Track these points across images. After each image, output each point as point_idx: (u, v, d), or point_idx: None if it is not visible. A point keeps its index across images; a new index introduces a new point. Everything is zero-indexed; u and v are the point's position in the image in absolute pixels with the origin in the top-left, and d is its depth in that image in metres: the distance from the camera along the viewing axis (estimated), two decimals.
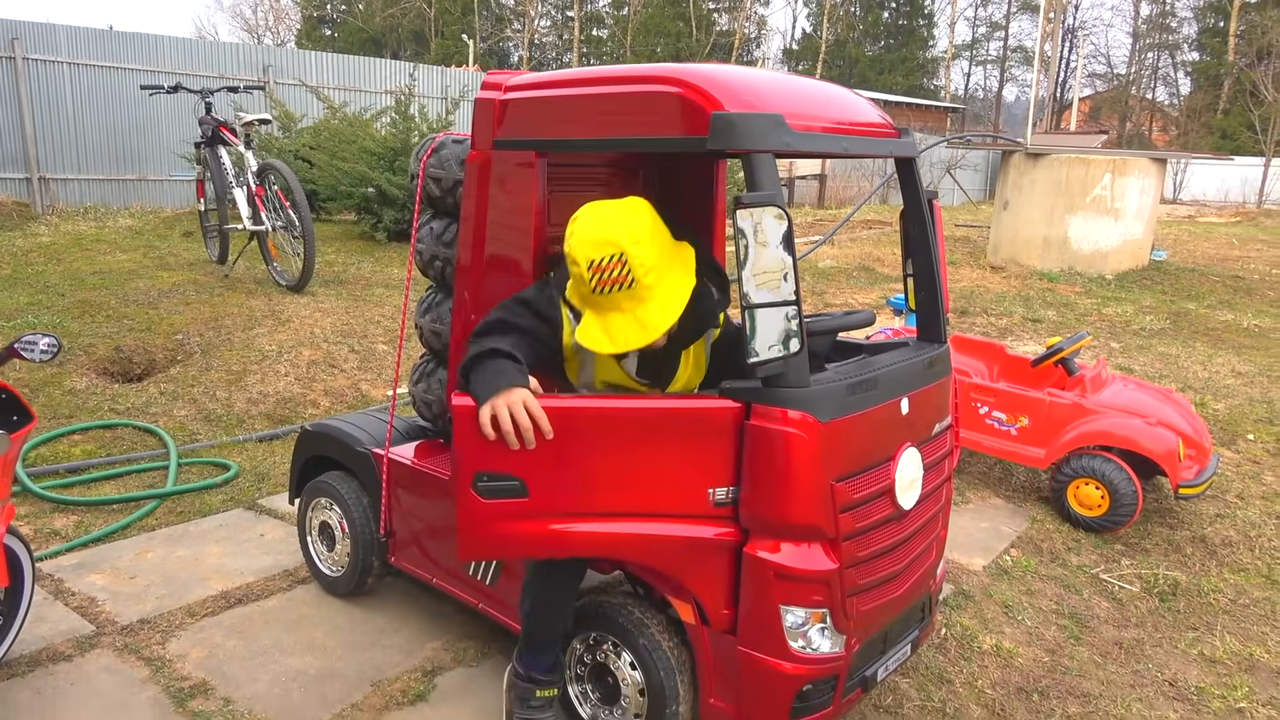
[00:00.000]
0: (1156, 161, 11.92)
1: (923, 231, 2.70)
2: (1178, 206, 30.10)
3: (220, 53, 13.79)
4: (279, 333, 6.41)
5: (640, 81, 2.29)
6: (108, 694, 2.72)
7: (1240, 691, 3.18)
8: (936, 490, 2.64)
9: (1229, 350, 8.26)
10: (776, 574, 2.19)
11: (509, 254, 2.62)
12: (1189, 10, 48.36)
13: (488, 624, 3.18)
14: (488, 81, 2.66)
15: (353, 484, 3.26)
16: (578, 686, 2.62)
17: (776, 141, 2.11)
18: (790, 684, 2.25)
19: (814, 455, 2.14)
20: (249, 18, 47.09)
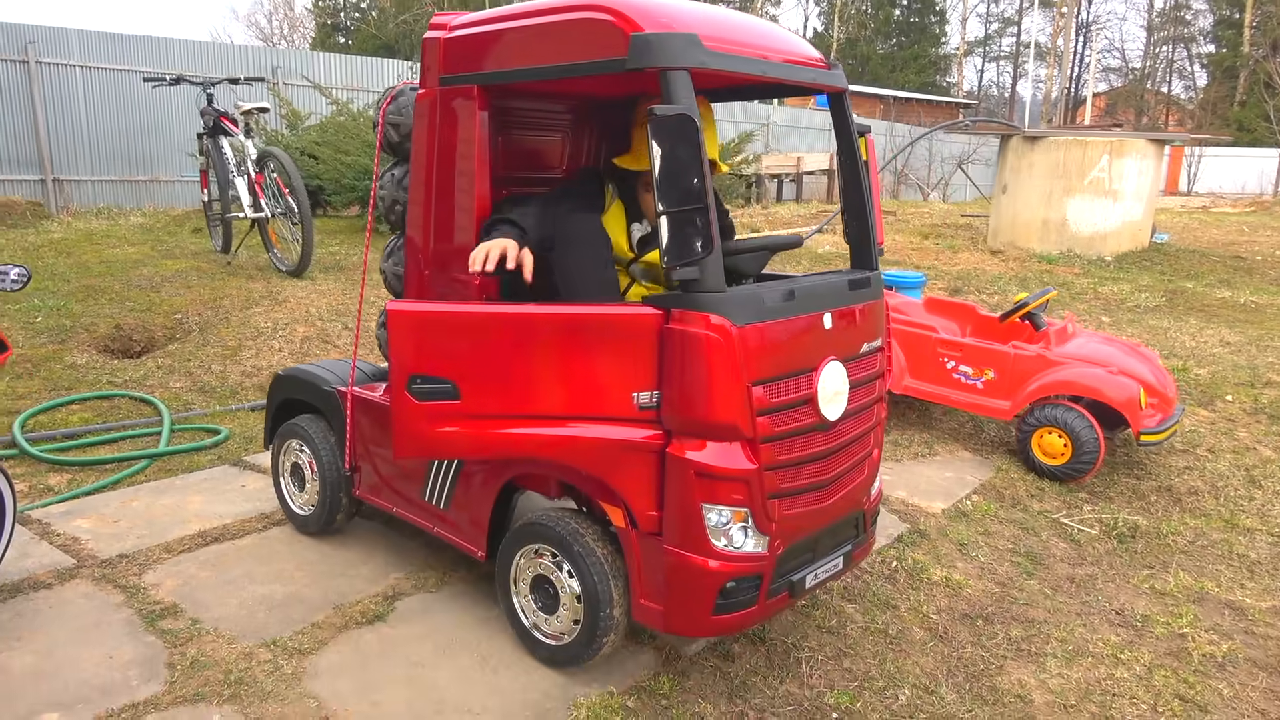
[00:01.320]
0: (1155, 143, 11.92)
1: (854, 165, 2.83)
2: (1191, 198, 29.92)
3: (230, 54, 14.03)
4: (275, 312, 6.57)
5: (569, 10, 2.42)
6: (83, 615, 2.86)
7: (1185, 620, 3.26)
8: (866, 409, 2.75)
9: (1221, 324, 8.27)
10: (697, 473, 2.31)
11: (456, 189, 2.75)
12: (1204, 2, 47.98)
13: (450, 555, 3.31)
14: (434, 22, 2.80)
15: (321, 424, 3.41)
16: (520, 599, 2.75)
17: (690, 59, 2.22)
18: (713, 580, 2.36)
19: (730, 357, 2.25)
20: (264, 26, 47.64)
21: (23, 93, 11.68)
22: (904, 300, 5.23)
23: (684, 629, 2.46)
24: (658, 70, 2.21)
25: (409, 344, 2.37)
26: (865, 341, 2.73)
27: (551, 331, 2.40)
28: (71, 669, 2.59)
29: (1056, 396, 4.40)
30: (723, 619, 2.43)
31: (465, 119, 2.69)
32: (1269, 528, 4.08)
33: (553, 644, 2.67)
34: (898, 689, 2.74)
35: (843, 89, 2.80)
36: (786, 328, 2.42)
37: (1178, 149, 34.15)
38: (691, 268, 2.19)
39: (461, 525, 2.90)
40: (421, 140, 2.83)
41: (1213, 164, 33.50)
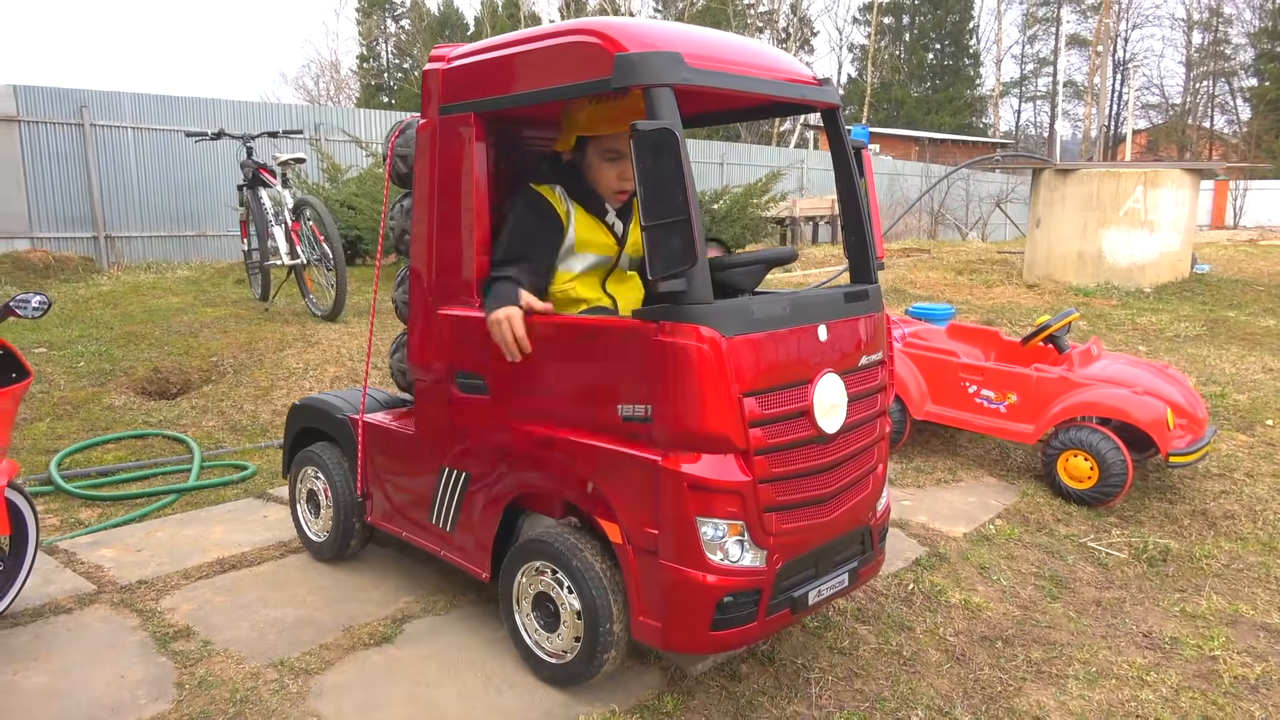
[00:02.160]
0: (1190, 173, 11.76)
1: (850, 180, 2.85)
2: (1239, 231, 29.35)
3: (274, 113, 14.51)
4: (307, 353, 6.71)
5: (559, 35, 2.50)
6: (99, 638, 2.91)
7: (1217, 642, 3.14)
8: (868, 422, 2.73)
9: (1265, 351, 8.06)
10: (690, 485, 2.30)
11: (456, 215, 2.81)
12: (1243, 37, 47.56)
13: (460, 580, 3.32)
14: (434, 55, 2.89)
15: (335, 452, 3.47)
16: (522, 617, 2.76)
17: (673, 76, 2.26)
18: (710, 595, 2.34)
19: (719, 368, 2.26)
20: (311, 88, 49.22)
21: (77, 154, 12.17)
22: (926, 327, 5.19)
23: (682, 645, 2.43)
24: (641, 88, 2.26)
25: (454, 343, 2.76)
26: (864, 355, 2.71)
27: (547, 339, 2.50)
28: (83, 688, 2.63)
29: (1082, 419, 4.32)
30: (721, 635, 2.39)
31: (464, 146, 2.76)
32: None
33: (554, 662, 2.66)
34: (910, 710, 2.67)
35: (835, 105, 2.82)
36: (778, 339, 2.42)
37: (1222, 184, 33.63)
38: (678, 279, 2.21)
39: (467, 547, 2.92)
40: (424, 169, 2.91)
41: (1259, 197, 32.89)
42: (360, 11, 51.17)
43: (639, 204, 2.19)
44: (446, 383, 2.90)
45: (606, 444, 2.43)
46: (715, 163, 21.16)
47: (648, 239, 2.18)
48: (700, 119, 3.30)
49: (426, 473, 3.05)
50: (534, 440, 2.62)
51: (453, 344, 2.87)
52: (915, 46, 52.49)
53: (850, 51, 54.44)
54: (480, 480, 2.85)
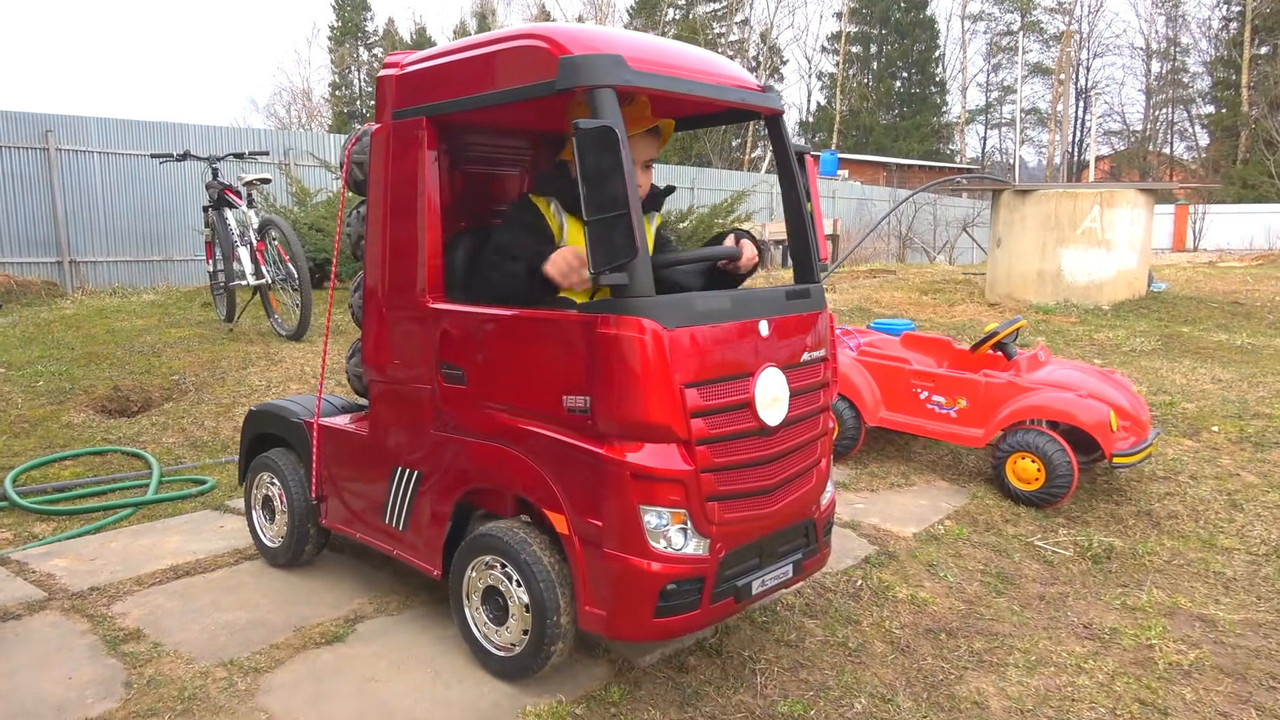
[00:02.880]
0: (1145, 193, 12.04)
1: (792, 184, 2.94)
2: (1198, 254, 29.94)
3: (243, 137, 14.53)
4: (270, 371, 6.71)
5: (507, 40, 2.59)
6: (47, 642, 2.91)
7: (1154, 632, 3.23)
8: (811, 417, 2.80)
9: (1215, 364, 8.26)
10: (633, 474, 2.35)
11: (409, 217, 2.87)
12: (1200, 65, 48.78)
13: (414, 581, 3.34)
14: (389, 61, 2.97)
15: (290, 457, 3.49)
16: (472, 611, 2.79)
17: (614, 78, 2.35)
18: (654, 582, 2.39)
19: (660, 359, 2.33)
20: (282, 115, 49.21)
21: (42, 178, 12.10)
22: (881, 337, 5.29)
23: (627, 633, 2.48)
24: (584, 89, 2.34)
25: (441, 335, 2.78)
26: (807, 351, 2.79)
27: (500, 331, 2.61)
28: (29, 689, 2.62)
29: (1032, 421, 4.42)
30: (665, 622, 2.44)
31: (416, 150, 2.82)
32: (1247, 546, 4.05)
33: (503, 655, 2.69)
34: (854, 698, 2.73)
35: (778, 111, 2.92)
36: (719, 333, 2.49)
37: (1182, 208, 34.38)
38: (620, 272, 2.28)
39: (419, 545, 2.94)
40: (378, 174, 2.97)
41: (1219, 220, 33.62)
42: (332, 39, 51.32)
43: (581, 199, 2.25)
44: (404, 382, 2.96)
45: (553, 434, 2.49)
46: (686, 187, 21.37)
47: (590, 233, 2.25)
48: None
49: (380, 473, 3.08)
50: (487, 432, 2.68)
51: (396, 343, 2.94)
52: (883, 74, 53.38)
53: (819, 79, 55.28)
54: (432, 477, 2.89)
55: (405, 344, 2.96)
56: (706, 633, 2.98)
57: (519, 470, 2.59)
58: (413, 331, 2.91)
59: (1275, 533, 4.18)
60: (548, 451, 2.51)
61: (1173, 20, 49.27)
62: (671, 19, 52.02)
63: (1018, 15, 52.82)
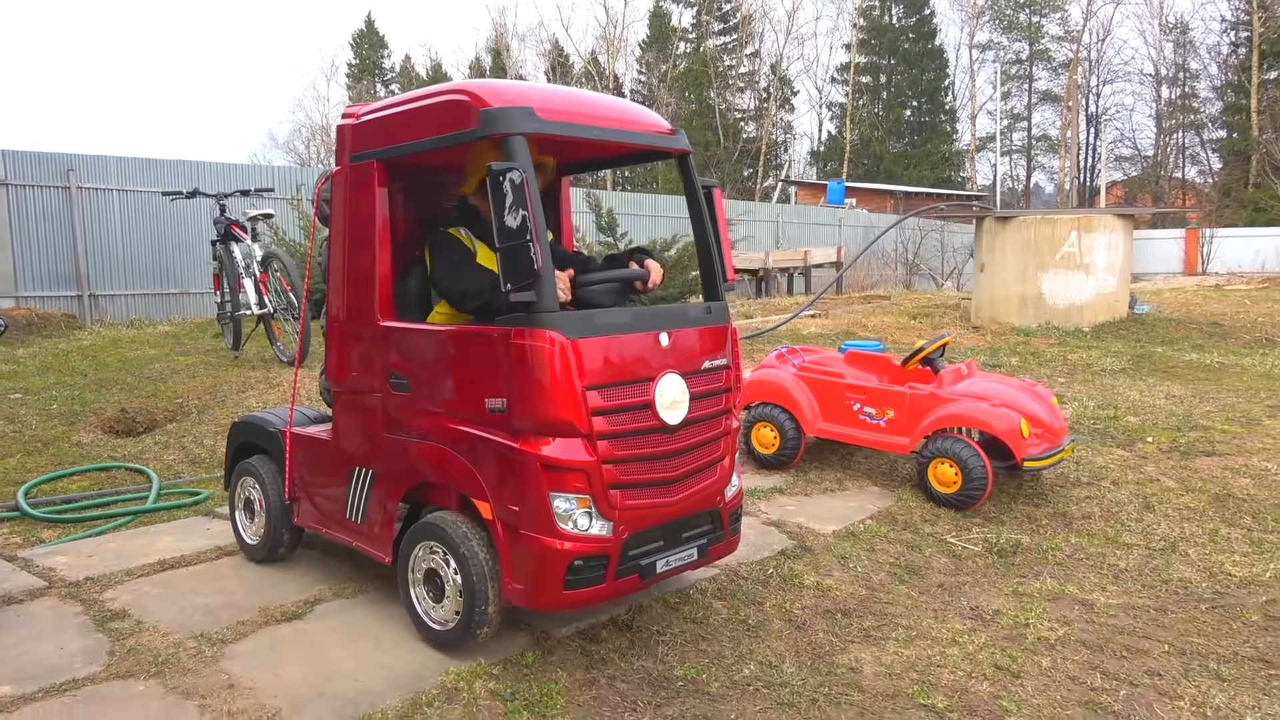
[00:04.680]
0: (1122, 218, 12.38)
1: (699, 216, 3.35)
2: (1207, 277, 30.04)
3: (256, 175, 15.11)
4: (268, 394, 7.16)
5: (439, 95, 3.04)
6: (45, 621, 3.34)
7: (1033, 613, 3.57)
8: (712, 419, 3.19)
9: (1177, 381, 8.56)
10: (543, 465, 2.76)
11: (364, 247, 3.29)
12: (1210, 90, 48.97)
13: (371, 571, 3.75)
14: (347, 112, 3.43)
15: (269, 463, 3.92)
16: (417, 596, 3.19)
17: (525, 126, 2.78)
18: (561, 558, 2.78)
19: (563, 364, 2.73)
20: (301, 151, 50.39)
21: (63, 215, 12.71)
22: (825, 354, 5.68)
23: (541, 604, 2.87)
24: (499, 136, 2.76)
25: (389, 349, 3.19)
26: (707, 359, 3.18)
27: (432, 345, 3.04)
28: (28, 658, 3.04)
29: (957, 430, 4.79)
30: (573, 594, 2.82)
31: (370, 189, 3.23)
32: (1148, 542, 4.38)
33: (439, 629, 3.09)
34: (744, 664, 3.10)
35: (685, 151, 3.32)
36: (619, 342, 2.90)
37: (1193, 232, 34.54)
38: (527, 291, 2.66)
39: (373, 536, 3.35)
40: (338, 209, 3.42)
41: (1230, 244, 33.67)
42: (350, 77, 52.59)
43: (493, 230, 2.66)
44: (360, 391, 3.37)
45: (478, 432, 2.89)
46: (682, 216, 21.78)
47: (501, 257, 2.66)
48: (575, 166, 3.84)
49: (341, 473, 3.50)
50: (427, 432, 3.07)
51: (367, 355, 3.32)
52: (892, 104, 53.92)
53: (829, 109, 55.90)
54: (383, 474, 3.30)
55: (360, 358, 3.36)
56: (620, 609, 3.37)
57: (452, 465, 2.98)
58: (367, 347, 3.32)
59: (1177, 530, 4.50)
60: (474, 447, 2.90)
61: (1181, 46, 49.54)
62: (683, 52, 52.93)
63: (1026, 44, 53.28)
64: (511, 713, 2.73)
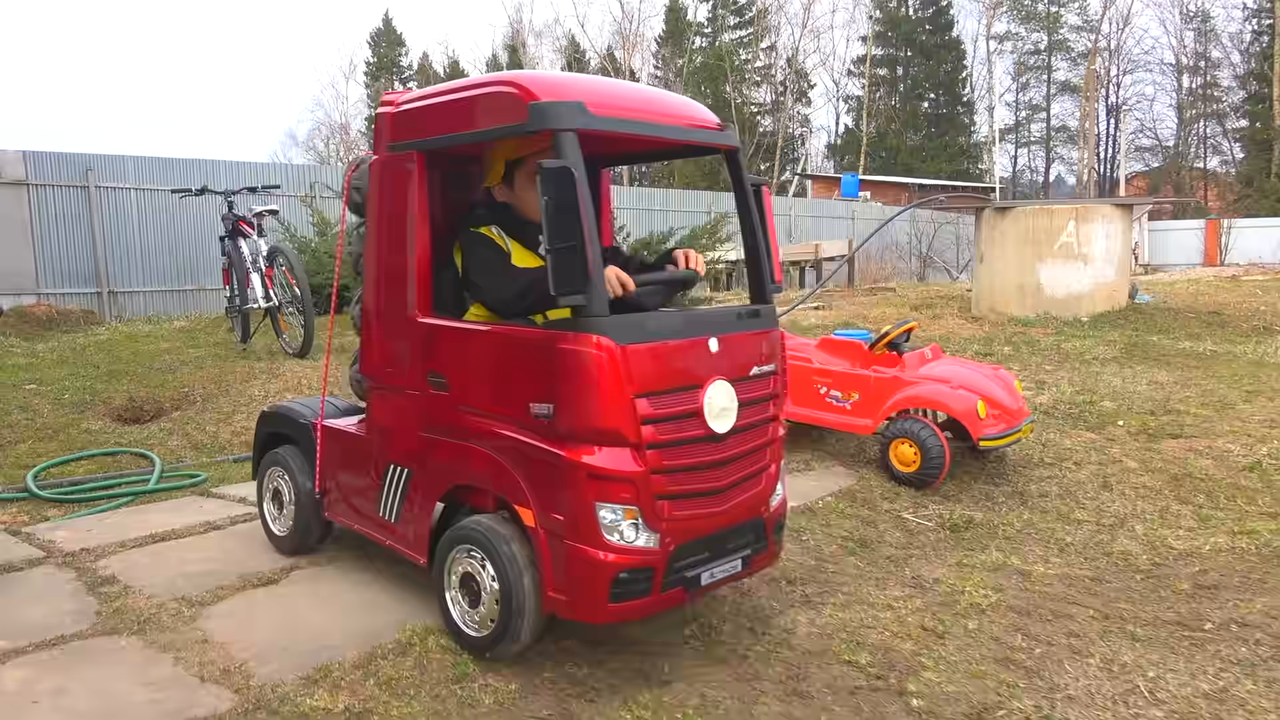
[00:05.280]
0: (1121, 208, 12.44)
1: (747, 214, 3.20)
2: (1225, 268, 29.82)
3: (270, 172, 15.44)
4: (271, 384, 7.43)
5: (485, 85, 2.95)
6: (41, 586, 3.60)
7: (971, 582, 3.75)
8: (760, 426, 3.08)
9: (1164, 369, 8.65)
10: (589, 474, 2.67)
11: (401, 240, 3.17)
12: (1232, 79, 48.46)
13: (347, 542, 3.98)
14: (385, 99, 3.31)
15: (298, 454, 3.86)
16: (453, 600, 3.08)
17: (576, 122, 2.67)
18: (607, 571, 2.69)
19: (613, 371, 2.63)
20: (321, 149, 50.96)
21: (83, 214, 13.09)
22: (797, 340, 5.86)
23: (585, 616, 2.79)
24: (550, 132, 2.66)
25: (426, 349, 3.11)
26: (756, 365, 3.05)
27: (474, 345, 2.97)
28: (22, 617, 3.30)
29: (916, 411, 4.96)
30: (619, 606, 2.74)
31: (409, 180, 3.12)
32: (1098, 519, 4.54)
33: (476, 635, 2.99)
34: (686, 626, 3.30)
35: (734, 147, 3.18)
36: (670, 348, 2.79)
37: (1213, 223, 34.30)
38: (577, 295, 2.55)
39: (407, 535, 3.28)
40: (374, 201, 3.32)
41: (1248, 235, 33.38)
42: (369, 75, 53.07)
43: (543, 230, 2.54)
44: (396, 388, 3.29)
45: (521, 437, 2.79)
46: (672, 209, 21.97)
47: (550, 261, 2.53)
48: (621, 159, 3.81)
49: (375, 470, 3.42)
50: (466, 434, 2.98)
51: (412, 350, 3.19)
52: (909, 96, 53.72)
53: (846, 102, 55.79)
54: (419, 474, 3.21)
55: (397, 354, 3.29)
56: None
57: (493, 469, 2.89)
58: (403, 343, 3.24)
59: (1130, 507, 4.66)
60: (517, 452, 2.81)
61: (1202, 35, 49.00)
62: (699, 46, 53.00)
63: (1044, 34, 52.90)
64: (460, 664, 2.95)
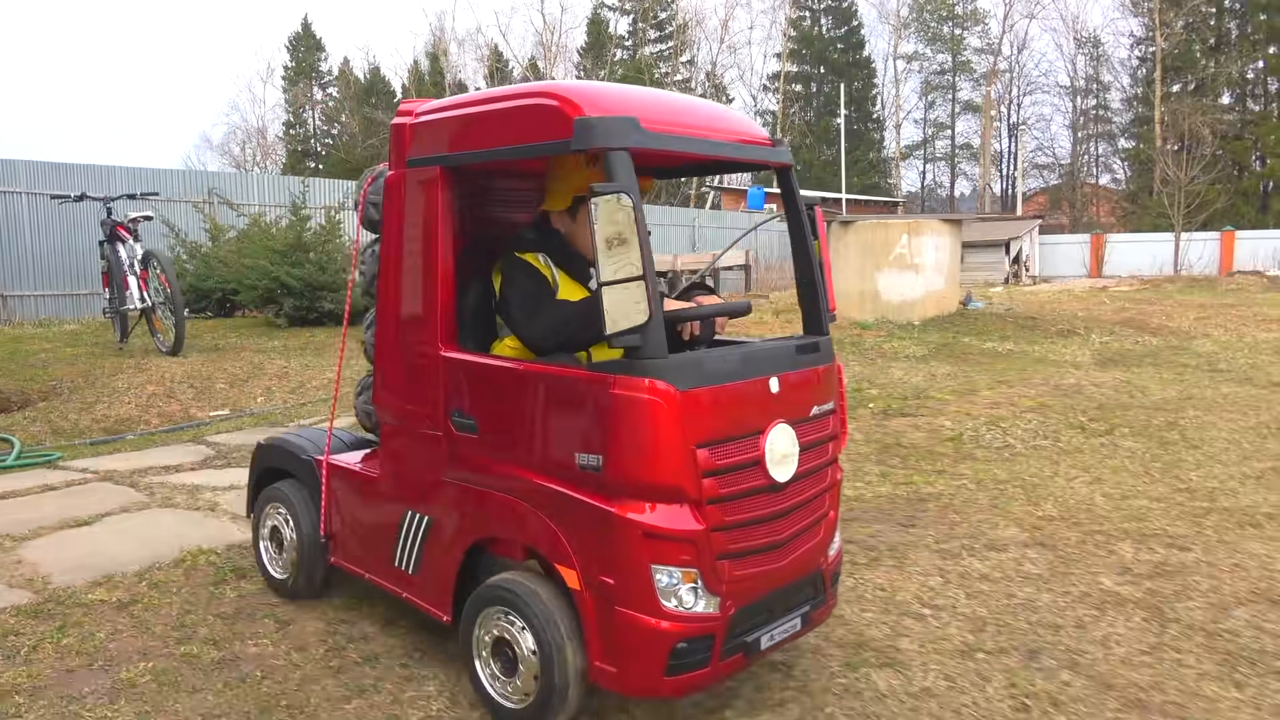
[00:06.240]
0: (949, 223, 13.78)
1: (802, 236, 2.97)
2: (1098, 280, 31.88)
3: (167, 179, 15.83)
4: (135, 377, 8.11)
5: (520, 97, 2.67)
6: None
7: None
8: (819, 471, 2.80)
9: (957, 364, 9.83)
10: (644, 534, 2.37)
11: (421, 260, 2.91)
12: (1120, 102, 51.39)
13: (160, 496, 4.78)
14: (402, 109, 3.05)
15: (301, 492, 3.56)
16: (483, 665, 2.77)
17: (629, 140, 2.38)
18: (664, 640, 2.40)
19: (673, 420, 2.34)
20: (237, 154, 50.65)
21: None
22: None
23: (636, 690, 2.52)
24: (599, 151, 2.36)
25: (453, 384, 2.82)
26: (815, 405, 2.79)
27: (509, 385, 2.65)
28: None
29: None
30: (676, 680, 2.46)
31: (430, 199, 2.86)
32: None
33: (514, 707, 2.69)
34: None
35: (787, 164, 2.97)
36: (730, 391, 2.50)
37: (1097, 237, 36.70)
38: (633, 334, 2.26)
39: (427, 589, 2.99)
40: (391, 218, 3.03)
41: (1127, 249, 35.66)
42: (287, 79, 52.90)
43: (597, 263, 2.25)
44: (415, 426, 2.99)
45: (565, 489, 2.48)
46: None
47: (606, 297, 2.24)
48: (665, 172, 3.49)
49: (390, 515, 3.11)
50: (498, 482, 2.69)
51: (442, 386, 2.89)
52: (822, 112, 55.65)
53: (762, 117, 57.45)
54: (442, 523, 2.91)
55: (416, 389, 2.98)
56: None
57: (530, 522, 2.60)
58: (424, 377, 2.93)
59: None
60: (559, 506, 2.51)
61: (1094, 59, 51.90)
62: (620, 59, 54.13)
63: (949, 55, 55.37)
64: (219, 573, 3.79)
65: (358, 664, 3.11)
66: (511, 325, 2.81)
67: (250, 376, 8.56)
